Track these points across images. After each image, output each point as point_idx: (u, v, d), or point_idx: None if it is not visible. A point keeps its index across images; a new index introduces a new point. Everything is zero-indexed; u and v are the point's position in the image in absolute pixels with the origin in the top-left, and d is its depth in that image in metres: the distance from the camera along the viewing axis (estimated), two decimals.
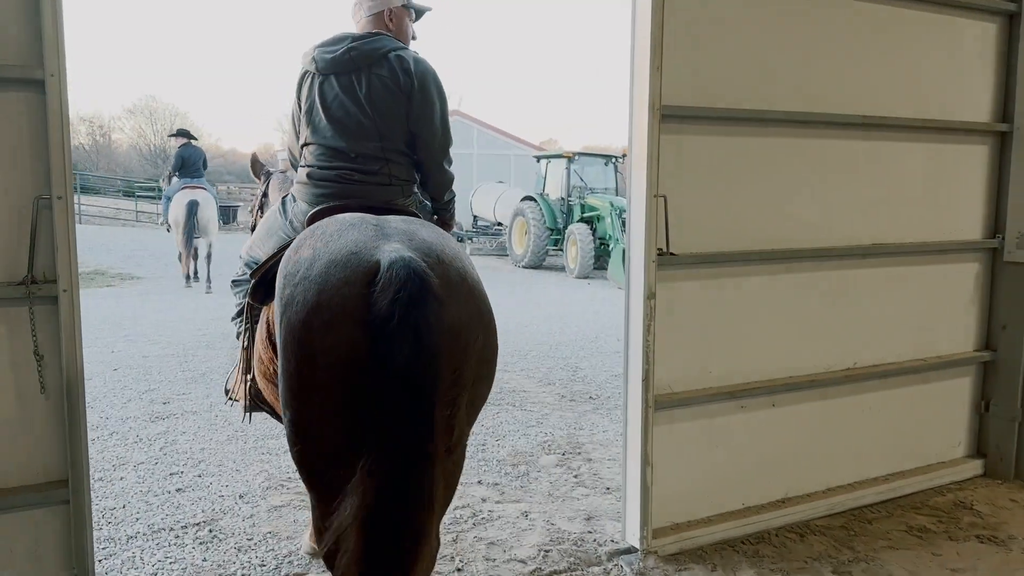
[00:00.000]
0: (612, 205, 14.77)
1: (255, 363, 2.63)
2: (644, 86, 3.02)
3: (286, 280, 1.92)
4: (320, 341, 1.79)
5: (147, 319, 8.84)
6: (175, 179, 11.59)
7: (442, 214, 2.98)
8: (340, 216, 2.17)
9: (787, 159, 3.44)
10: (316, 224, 2.17)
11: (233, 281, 2.98)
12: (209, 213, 11.24)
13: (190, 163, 11.50)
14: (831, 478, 3.78)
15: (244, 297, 2.74)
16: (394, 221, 2.12)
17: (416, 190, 2.80)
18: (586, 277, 15.02)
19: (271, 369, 2.41)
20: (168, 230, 11.80)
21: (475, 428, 4.86)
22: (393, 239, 1.94)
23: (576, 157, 16.40)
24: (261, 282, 2.48)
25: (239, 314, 2.90)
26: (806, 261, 3.56)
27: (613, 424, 4.96)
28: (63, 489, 2.24)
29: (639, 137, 3.07)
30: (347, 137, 2.59)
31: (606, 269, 14.85)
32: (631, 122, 3.11)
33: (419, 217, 2.55)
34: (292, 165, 2.95)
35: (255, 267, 2.69)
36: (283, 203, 2.79)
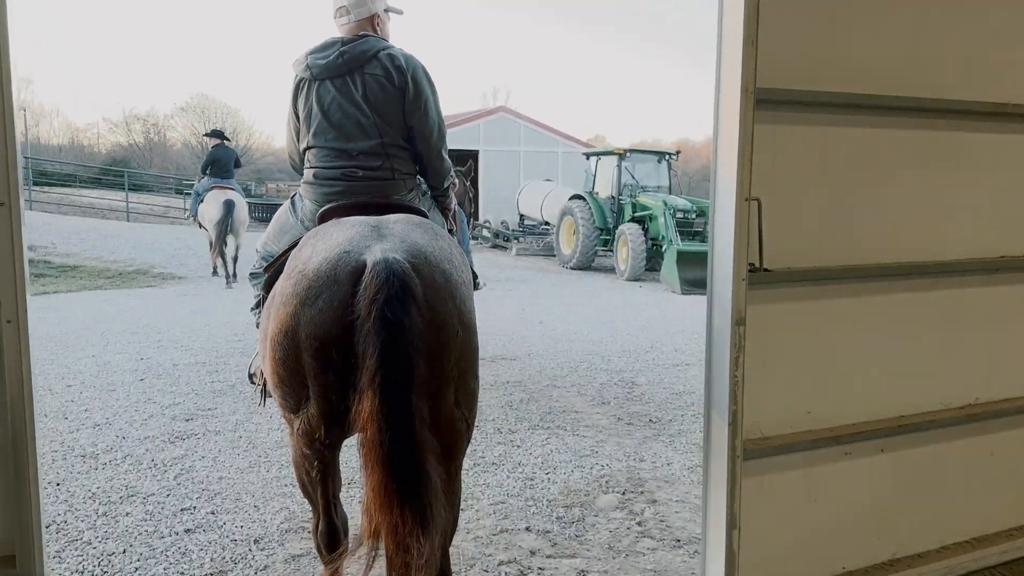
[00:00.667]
0: (666, 204, 14.13)
1: None
2: (735, 65, 2.46)
3: (285, 274, 2.09)
4: (308, 336, 1.91)
5: (183, 322, 8.53)
6: (205, 178, 11.87)
7: (442, 200, 3.12)
8: (344, 219, 2.30)
9: (906, 155, 2.84)
10: (321, 225, 2.35)
11: (251, 274, 3.12)
12: (243, 215, 11.65)
13: (222, 163, 11.82)
14: (947, 534, 3.17)
15: (261, 289, 2.87)
16: (392, 222, 2.26)
17: (419, 181, 2.95)
18: (637, 279, 14.41)
19: None
20: (200, 226, 12.20)
21: (522, 459, 4.36)
22: (386, 239, 2.07)
23: (628, 154, 15.77)
24: (274, 276, 2.54)
25: (257, 305, 3.05)
26: (923, 278, 2.95)
27: (678, 455, 4.39)
28: (11, 569, 1.79)
29: (728, 127, 2.51)
30: (348, 137, 2.73)
31: (658, 271, 14.22)
32: (717, 110, 2.55)
33: (423, 212, 2.69)
34: (293, 167, 3.08)
35: (270, 260, 2.83)
36: (292, 202, 2.94)
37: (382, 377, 1.77)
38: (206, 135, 12.84)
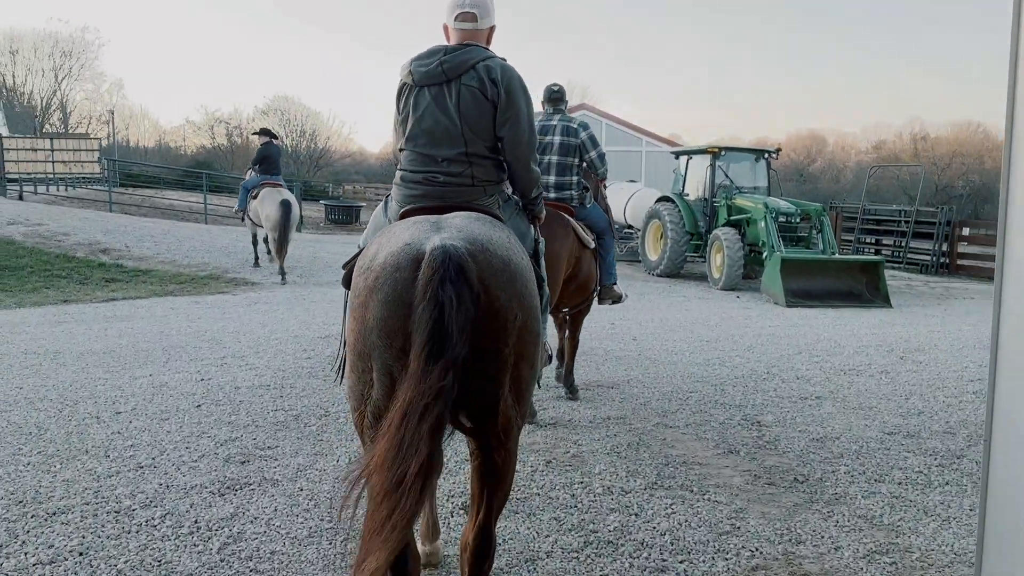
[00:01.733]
0: (767, 206, 12.97)
1: None
2: None
3: (357, 270, 2.33)
4: (374, 319, 2.12)
5: (250, 336, 7.94)
6: (252, 173, 12.70)
7: (531, 209, 3.16)
8: (409, 217, 2.54)
9: None
10: (389, 225, 2.63)
11: None
12: (296, 212, 12.29)
13: (272, 160, 12.49)
14: None
15: (343, 285, 3.04)
16: (452, 217, 2.42)
17: (503, 188, 2.97)
18: (733, 288, 13.28)
19: None
20: (242, 219, 13.12)
21: (645, 535, 3.43)
22: (444, 231, 2.25)
23: (723, 152, 14.61)
24: (351, 273, 2.59)
25: None
26: None
27: (844, 534, 3.43)
28: None
29: None
30: (435, 144, 2.80)
31: (755, 279, 13.10)
32: (1014, 91, 1.63)
33: (495, 213, 2.77)
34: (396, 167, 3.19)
35: None
36: (385, 202, 2.99)
37: (427, 353, 1.92)
38: (255, 133, 13.41)
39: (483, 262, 2.13)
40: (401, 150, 2.91)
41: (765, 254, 12.55)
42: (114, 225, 15.48)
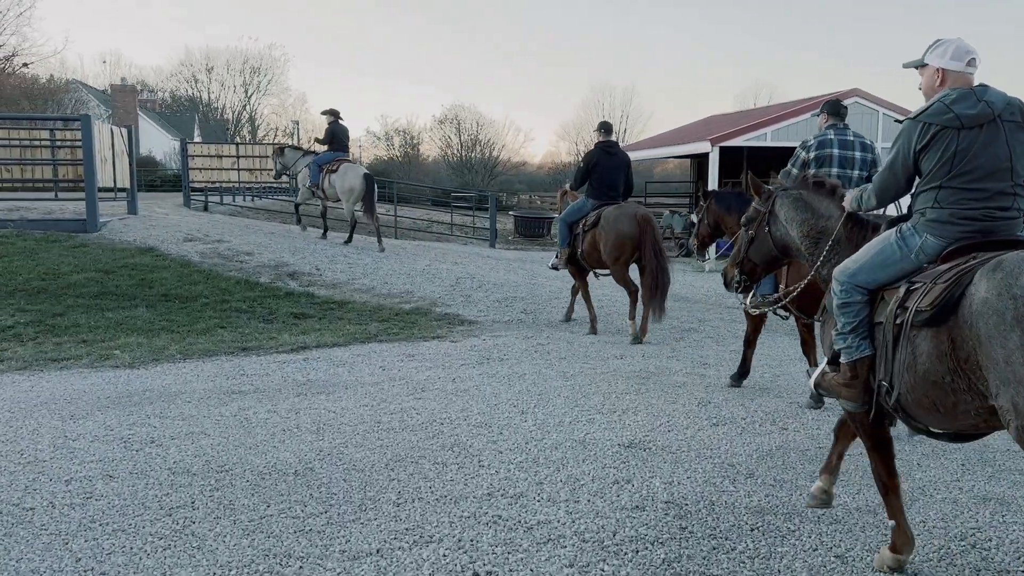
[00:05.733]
0: None
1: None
2: None
3: (999, 295, 2.47)
4: None
5: (509, 432, 4.96)
6: (324, 150, 13.47)
7: None
8: (976, 253, 2.78)
9: None
10: (909, 259, 3.00)
11: (843, 303, 3.19)
12: (375, 185, 13.30)
13: (339, 138, 13.33)
14: None
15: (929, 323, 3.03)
16: None
17: None
18: None
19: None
20: (313, 193, 13.61)
21: None
22: None
23: None
24: (942, 311, 2.71)
25: (852, 331, 3.16)
26: None
27: None
28: None
29: None
30: (988, 179, 2.93)
31: None
32: None
33: None
34: (881, 201, 3.33)
35: (864, 292, 3.12)
36: (903, 238, 3.09)
37: None
38: (323, 112, 13.75)
39: None
40: (940, 188, 2.98)
41: None
42: (303, 242, 13.34)
